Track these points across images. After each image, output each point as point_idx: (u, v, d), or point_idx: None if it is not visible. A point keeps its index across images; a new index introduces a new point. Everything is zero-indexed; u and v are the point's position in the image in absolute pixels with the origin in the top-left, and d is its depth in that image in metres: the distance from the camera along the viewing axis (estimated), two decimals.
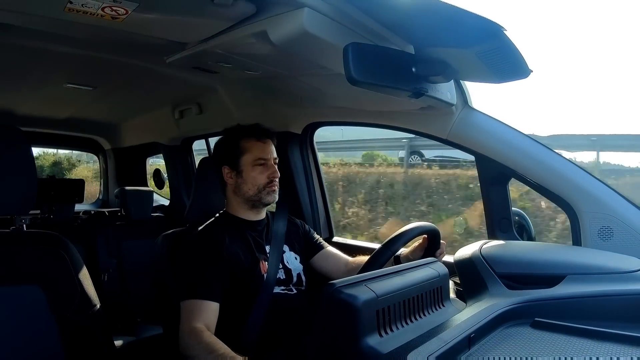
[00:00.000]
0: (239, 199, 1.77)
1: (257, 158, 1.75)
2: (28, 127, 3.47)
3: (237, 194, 1.77)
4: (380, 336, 0.95)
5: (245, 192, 1.75)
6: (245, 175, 1.74)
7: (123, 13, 1.35)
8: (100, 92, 2.82)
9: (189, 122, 3.11)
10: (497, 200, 1.82)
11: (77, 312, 1.33)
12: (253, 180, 1.73)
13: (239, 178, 1.75)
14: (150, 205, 3.31)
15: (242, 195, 1.75)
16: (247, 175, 1.74)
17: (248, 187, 1.74)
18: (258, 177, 1.74)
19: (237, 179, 1.75)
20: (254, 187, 1.74)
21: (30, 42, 1.83)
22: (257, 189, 1.74)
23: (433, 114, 1.81)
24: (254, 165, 1.74)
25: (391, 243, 1.49)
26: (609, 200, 1.61)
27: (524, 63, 1.24)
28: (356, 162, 9.27)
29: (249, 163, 1.74)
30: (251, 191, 1.74)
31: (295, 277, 1.77)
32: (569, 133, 9.27)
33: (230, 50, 1.63)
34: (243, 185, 1.74)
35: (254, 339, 1.57)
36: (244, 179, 1.74)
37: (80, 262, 1.40)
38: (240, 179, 1.75)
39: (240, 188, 1.75)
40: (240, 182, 1.75)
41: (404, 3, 1.22)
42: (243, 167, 1.74)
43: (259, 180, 1.74)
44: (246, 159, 1.74)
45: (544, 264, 1.39)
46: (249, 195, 1.75)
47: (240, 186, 1.75)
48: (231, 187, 1.77)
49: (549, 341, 1.03)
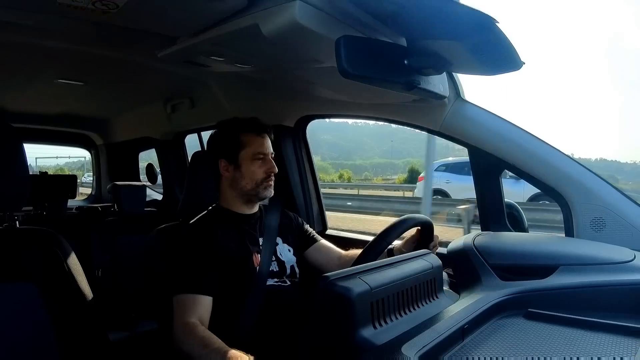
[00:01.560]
0: (234, 192, 1.76)
1: (257, 152, 1.74)
2: (19, 124, 3.44)
3: (233, 188, 1.76)
4: (374, 328, 0.96)
5: (242, 186, 1.74)
6: (243, 169, 1.73)
7: (114, 7, 1.34)
8: (92, 87, 2.80)
9: (181, 116, 3.10)
10: (490, 192, 1.83)
11: (72, 308, 1.32)
12: (251, 174, 1.73)
13: (237, 172, 1.74)
14: (144, 200, 3.29)
15: (239, 189, 1.75)
16: (246, 170, 1.73)
17: (246, 181, 1.73)
18: (257, 172, 1.73)
19: (235, 173, 1.74)
20: (251, 182, 1.73)
21: (21, 37, 1.82)
22: (255, 183, 1.73)
23: (425, 106, 1.82)
24: (252, 160, 1.73)
25: (384, 235, 1.49)
26: (601, 192, 1.62)
27: (515, 55, 1.24)
28: None
29: (248, 157, 1.73)
30: (249, 185, 1.73)
31: (288, 269, 1.77)
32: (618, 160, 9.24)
33: (222, 44, 1.62)
34: (241, 180, 1.74)
35: (248, 332, 1.57)
36: (242, 172, 1.73)
37: (74, 258, 1.39)
38: (237, 173, 1.74)
39: (237, 182, 1.74)
40: (238, 176, 1.74)
41: None
42: (241, 161, 1.73)
43: (257, 175, 1.73)
44: (245, 153, 1.74)
45: (537, 255, 1.40)
46: (246, 189, 1.74)
47: (237, 180, 1.74)
48: (227, 181, 1.77)
49: (542, 332, 1.04)
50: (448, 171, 12.35)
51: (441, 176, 12.17)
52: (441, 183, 12.25)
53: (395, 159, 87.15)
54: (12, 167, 1.29)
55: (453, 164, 12.49)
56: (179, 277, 1.55)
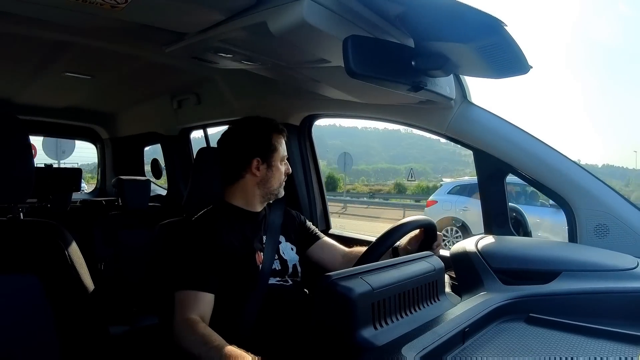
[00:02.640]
0: (259, 191, 1.79)
1: (284, 155, 1.82)
2: (26, 116, 3.46)
3: (260, 187, 1.78)
4: (375, 329, 0.95)
5: (271, 185, 1.79)
6: (274, 170, 1.79)
7: (123, 2, 1.34)
8: (99, 81, 2.82)
9: (187, 112, 3.11)
10: (494, 195, 1.83)
11: (73, 300, 1.33)
12: (280, 175, 1.80)
13: (269, 171, 1.78)
14: (148, 194, 3.30)
15: (267, 188, 1.79)
16: (277, 171, 1.79)
17: (274, 181, 1.79)
18: (282, 174, 1.81)
19: (267, 173, 1.78)
20: (277, 182, 1.80)
21: (30, 30, 1.83)
22: (280, 184, 1.81)
23: (431, 108, 1.82)
24: (281, 162, 1.81)
25: (387, 236, 1.50)
26: (605, 198, 1.62)
27: (523, 59, 1.24)
28: None
29: (279, 159, 1.80)
30: (275, 185, 1.79)
31: (290, 267, 1.77)
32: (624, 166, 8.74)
33: (229, 41, 1.62)
34: (271, 179, 1.78)
35: (249, 330, 1.58)
36: (273, 173, 1.79)
37: (77, 251, 1.39)
38: (270, 173, 1.78)
39: (267, 181, 1.78)
40: (270, 176, 1.78)
41: None
42: (274, 162, 1.79)
43: (282, 176, 1.82)
44: (277, 155, 1.79)
45: (540, 259, 1.39)
46: (273, 188, 1.79)
47: (267, 180, 1.78)
48: (256, 179, 1.78)
49: (543, 337, 1.04)
50: (465, 194, 9.31)
51: (456, 201, 9.38)
52: (457, 210, 9.21)
53: (398, 164, 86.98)
54: (18, 158, 1.29)
55: (471, 184, 9.21)
56: (181, 273, 1.55)
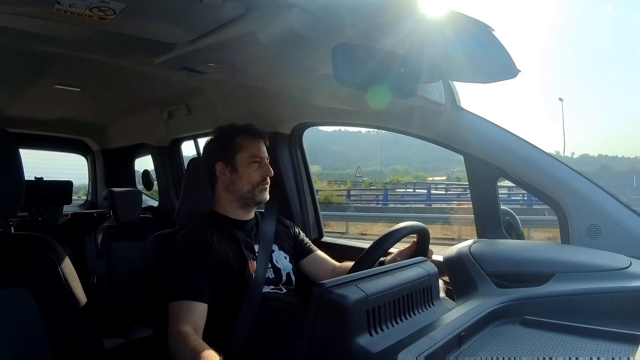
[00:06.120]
0: (231, 196, 1.77)
1: (253, 155, 1.76)
2: (16, 129, 3.43)
3: (229, 191, 1.76)
4: (370, 336, 0.95)
5: (239, 189, 1.75)
6: (240, 172, 1.74)
7: (111, 14, 1.35)
8: (89, 93, 2.80)
9: (178, 122, 3.10)
10: (486, 199, 1.83)
11: (67, 314, 1.32)
12: (248, 176, 1.74)
13: (234, 174, 1.75)
14: (139, 206, 3.29)
15: (236, 192, 1.75)
16: (243, 172, 1.74)
17: (243, 183, 1.74)
18: (253, 174, 1.74)
19: (232, 175, 1.75)
20: (248, 184, 1.74)
21: (18, 42, 1.82)
22: (252, 185, 1.74)
23: (421, 114, 1.82)
24: (249, 163, 1.75)
25: (381, 242, 1.49)
26: (597, 199, 1.63)
27: (512, 63, 1.25)
28: None
29: (245, 160, 1.75)
30: (245, 187, 1.74)
31: (284, 276, 1.76)
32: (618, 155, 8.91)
33: (218, 51, 1.62)
34: (238, 182, 1.74)
35: (244, 339, 1.57)
36: (239, 175, 1.74)
37: (69, 264, 1.38)
38: (235, 175, 1.75)
39: (234, 184, 1.75)
40: (235, 179, 1.75)
41: (392, 4, 1.22)
42: (239, 164, 1.75)
43: (254, 177, 1.74)
44: (242, 156, 1.75)
45: (533, 262, 1.40)
46: (242, 192, 1.75)
47: (234, 182, 1.75)
48: (224, 184, 1.77)
49: (539, 339, 1.04)
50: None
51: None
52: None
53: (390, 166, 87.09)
54: (8, 172, 1.28)
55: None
56: (174, 283, 1.55)
